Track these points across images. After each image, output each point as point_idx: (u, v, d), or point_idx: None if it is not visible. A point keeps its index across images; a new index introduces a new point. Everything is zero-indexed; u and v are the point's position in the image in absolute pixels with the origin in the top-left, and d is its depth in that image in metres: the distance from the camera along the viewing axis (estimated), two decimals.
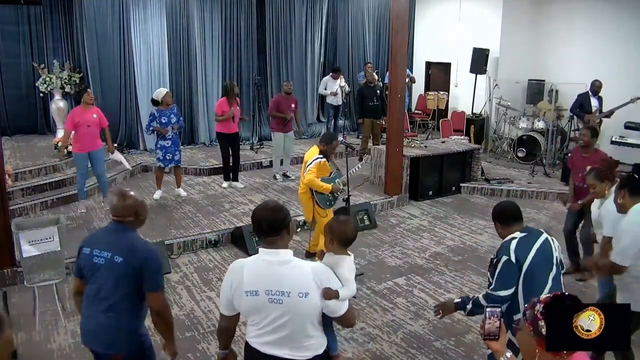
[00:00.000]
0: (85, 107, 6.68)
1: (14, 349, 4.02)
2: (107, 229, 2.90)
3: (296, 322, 2.37)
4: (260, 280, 2.36)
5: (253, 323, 2.45)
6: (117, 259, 2.72)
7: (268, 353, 2.42)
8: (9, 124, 9.74)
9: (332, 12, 11.93)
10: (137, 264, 2.72)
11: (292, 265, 2.40)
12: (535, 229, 3.13)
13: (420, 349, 4.33)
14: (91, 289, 2.80)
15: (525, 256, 2.91)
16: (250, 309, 2.40)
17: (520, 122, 10.06)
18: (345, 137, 11.09)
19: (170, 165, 7.45)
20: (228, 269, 2.49)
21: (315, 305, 2.37)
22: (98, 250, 2.78)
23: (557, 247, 3.07)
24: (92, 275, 2.78)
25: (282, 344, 2.40)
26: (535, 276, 2.90)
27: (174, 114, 7.22)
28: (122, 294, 2.74)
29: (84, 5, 9.36)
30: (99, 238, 2.86)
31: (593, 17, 10.13)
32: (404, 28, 7.61)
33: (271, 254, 2.39)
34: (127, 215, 2.83)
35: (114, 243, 2.77)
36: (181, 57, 10.14)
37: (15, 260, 5.18)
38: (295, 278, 2.36)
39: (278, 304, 2.34)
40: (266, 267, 2.38)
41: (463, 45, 11.16)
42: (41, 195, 7.20)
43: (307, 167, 5.38)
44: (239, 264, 2.47)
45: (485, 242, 6.57)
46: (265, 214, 2.40)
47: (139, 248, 2.79)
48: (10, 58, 9.70)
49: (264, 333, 2.41)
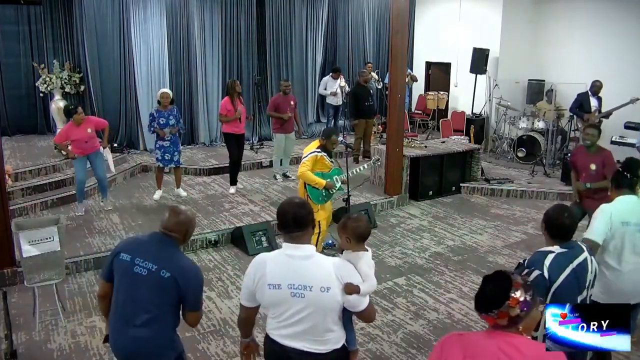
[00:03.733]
0: (77, 124, 6.62)
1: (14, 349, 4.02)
2: (151, 239, 2.81)
3: (317, 316, 2.42)
4: (283, 274, 2.41)
5: (274, 315, 2.50)
6: (165, 274, 2.66)
7: (287, 345, 2.47)
8: (9, 124, 9.74)
9: (332, 12, 11.93)
10: (184, 282, 2.69)
11: (315, 260, 2.45)
12: (578, 245, 2.90)
13: (420, 349, 4.33)
14: (124, 298, 2.71)
15: (558, 275, 2.72)
16: (272, 302, 2.46)
17: (520, 122, 10.06)
18: (346, 137, 11.09)
19: (170, 165, 7.44)
20: (252, 262, 2.55)
21: (336, 299, 2.41)
22: (141, 259, 2.69)
23: (595, 269, 2.88)
24: (127, 284, 2.70)
25: (301, 336, 2.45)
26: (563, 298, 2.64)
27: (173, 115, 7.20)
28: (164, 307, 2.70)
29: (84, 5, 9.36)
30: (143, 247, 2.76)
31: (593, 17, 10.13)
32: (404, 28, 7.60)
33: (294, 248, 2.45)
34: (177, 232, 2.79)
35: (161, 256, 2.70)
36: (181, 57, 10.14)
37: (15, 260, 5.18)
38: (318, 273, 2.42)
39: (300, 298, 2.39)
40: (289, 261, 2.43)
41: (463, 45, 11.16)
42: (41, 195, 7.20)
43: (302, 159, 5.38)
44: (262, 257, 2.52)
45: (485, 242, 6.57)
46: (291, 209, 2.47)
47: (188, 267, 2.75)
48: (10, 58, 9.70)
49: (285, 326, 2.46)
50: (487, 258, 6.10)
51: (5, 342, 3.90)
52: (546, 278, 2.70)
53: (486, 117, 11.16)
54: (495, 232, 6.94)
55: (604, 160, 5.33)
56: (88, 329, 4.53)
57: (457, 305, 5.01)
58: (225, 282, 5.43)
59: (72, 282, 5.35)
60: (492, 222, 7.30)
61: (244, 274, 5.89)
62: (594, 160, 5.37)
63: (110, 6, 9.47)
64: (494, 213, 7.66)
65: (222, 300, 5.08)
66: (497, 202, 8.15)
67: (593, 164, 5.36)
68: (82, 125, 6.63)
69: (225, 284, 5.39)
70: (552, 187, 8.45)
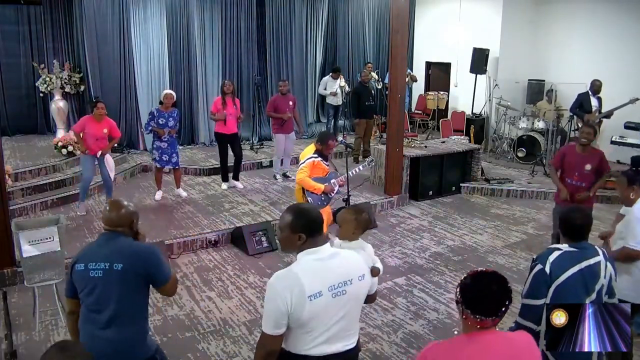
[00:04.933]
0: (98, 119, 6.66)
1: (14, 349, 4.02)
2: (98, 242, 2.79)
3: (354, 308, 2.43)
4: (321, 279, 2.31)
5: (308, 330, 2.31)
6: (117, 267, 2.64)
7: (324, 353, 2.34)
8: (9, 124, 9.74)
9: (332, 12, 11.93)
10: (139, 266, 2.68)
11: (342, 255, 2.45)
12: (592, 247, 2.83)
13: (420, 349, 4.29)
14: (90, 304, 2.69)
15: (560, 272, 2.68)
16: (313, 314, 2.28)
17: (520, 122, 10.06)
18: (346, 137, 11.09)
19: (168, 166, 7.44)
20: (272, 284, 2.30)
21: (368, 285, 2.50)
22: (93, 263, 2.67)
23: (609, 275, 2.79)
24: (90, 290, 2.68)
25: (339, 336, 2.38)
26: (565, 297, 2.63)
27: (172, 117, 7.20)
28: (127, 301, 2.67)
29: (84, 5, 9.36)
30: (93, 252, 2.75)
31: (593, 17, 10.13)
32: (404, 28, 7.60)
33: (318, 252, 2.38)
34: (121, 226, 2.78)
35: (109, 252, 2.68)
36: (181, 57, 10.14)
37: (15, 260, 5.17)
38: (351, 265, 2.44)
39: (342, 296, 2.34)
40: (321, 265, 2.35)
41: (463, 45, 11.16)
42: (41, 195, 7.20)
43: (299, 166, 5.34)
44: (287, 273, 2.33)
45: (485, 242, 6.57)
46: (317, 214, 2.42)
47: (138, 250, 2.74)
48: (10, 58, 9.70)
49: (322, 333, 2.32)
50: (487, 258, 6.10)
51: (5, 342, 3.90)
52: (547, 274, 2.68)
53: (486, 117, 11.16)
54: (495, 232, 6.94)
55: (601, 161, 5.35)
56: None
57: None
58: (225, 282, 5.43)
59: None
60: (492, 222, 7.30)
61: (244, 274, 5.90)
62: (588, 160, 5.34)
63: (110, 6, 9.47)
64: (494, 213, 7.66)
65: (222, 300, 5.08)
66: (497, 202, 8.15)
67: (588, 164, 5.33)
68: (101, 123, 6.68)
69: (225, 284, 5.39)
70: (552, 187, 8.41)
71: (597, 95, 8.90)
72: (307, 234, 2.36)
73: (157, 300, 4.91)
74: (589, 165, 5.33)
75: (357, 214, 3.17)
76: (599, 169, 5.34)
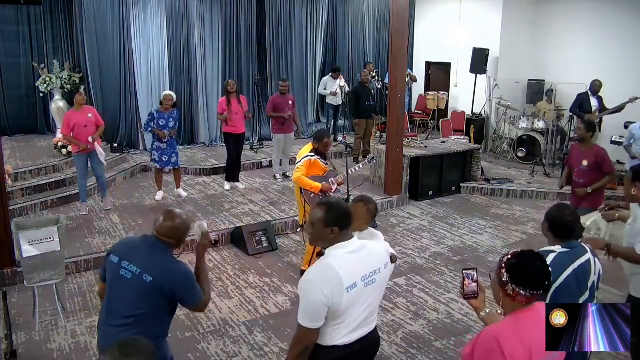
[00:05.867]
0: (77, 108, 6.67)
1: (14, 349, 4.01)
2: (143, 242, 2.76)
3: (380, 294, 2.61)
4: (355, 271, 2.43)
5: (341, 322, 2.40)
6: (147, 278, 2.62)
7: (350, 341, 2.45)
8: (9, 124, 9.73)
9: (332, 12, 11.93)
10: (169, 286, 2.64)
11: (369, 246, 2.57)
12: (581, 245, 2.87)
13: (420, 349, 4.33)
14: (110, 299, 2.71)
15: (558, 275, 2.70)
16: (350, 304, 2.39)
17: (520, 122, 10.06)
18: (345, 137, 11.10)
19: (167, 167, 7.44)
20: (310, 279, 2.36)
21: (391, 271, 2.70)
22: (127, 262, 2.67)
23: (598, 271, 2.84)
24: (114, 285, 2.69)
25: (364, 323, 2.50)
26: (562, 298, 2.68)
27: (173, 118, 7.21)
28: (146, 311, 2.65)
29: (84, 5, 9.36)
30: (132, 250, 2.73)
31: (593, 17, 10.13)
32: (404, 28, 7.61)
33: (348, 245, 2.47)
34: (171, 237, 2.74)
35: (148, 261, 2.66)
36: (181, 57, 10.14)
37: (15, 260, 5.18)
38: (378, 254, 2.58)
39: (372, 284, 2.49)
40: (354, 258, 2.45)
41: (463, 45, 11.15)
42: (41, 195, 7.20)
43: (295, 165, 5.32)
44: (325, 267, 2.39)
45: (485, 242, 6.57)
46: (347, 208, 2.55)
47: (173, 270, 2.69)
48: (10, 58, 9.69)
49: (351, 322, 2.43)
50: (487, 258, 6.10)
51: (5, 342, 3.90)
52: None
53: (486, 117, 11.16)
54: (495, 232, 6.94)
55: (597, 157, 5.36)
56: (88, 329, 4.53)
57: (457, 305, 5.01)
58: (225, 282, 5.43)
59: (72, 282, 5.35)
60: (492, 222, 7.30)
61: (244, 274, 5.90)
62: (585, 156, 5.42)
63: (110, 6, 9.47)
64: (494, 213, 7.66)
65: (222, 300, 5.08)
66: (497, 202, 8.15)
67: (585, 160, 5.42)
68: (82, 110, 6.67)
69: (225, 284, 5.39)
70: (552, 187, 8.45)
71: (597, 95, 8.90)
72: (339, 227, 2.44)
73: None
74: (585, 162, 5.42)
75: (367, 205, 3.36)
76: (597, 166, 5.35)
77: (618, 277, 3.72)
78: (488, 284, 2.33)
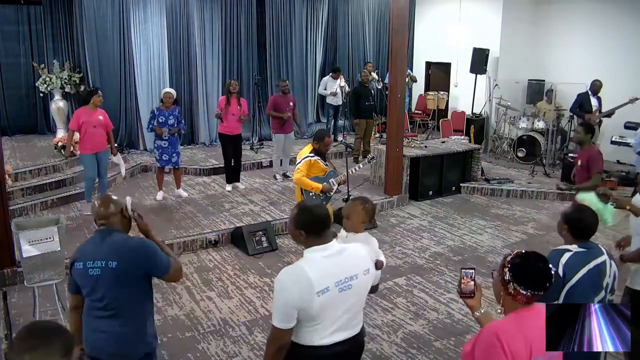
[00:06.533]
0: (92, 108, 6.67)
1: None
2: (93, 239, 2.80)
3: (359, 300, 2.53)
4: (328, 275, 2.39)
5: (317, 323, 2.39)
6: (111, 264, 2.66)
7: (330, 342, 2.44)
8: (9, 124, 9.73)
9: (332, 12, 11.93)
10: (133, 263, 2.69)
11: (349, 250, 2.53)
12: (597, 246, 2.88)
13: (420, 349, 4.33)
14: (94, 301, 2.72)
15: (573, 274, 2.71)
16: (321, 308, 2.36)
17: (520, 122, 10.06)
18: (346, 137, 11.10)
19: (168, 166, 7.44)
20: (281, 280, 2.36)
21: (373, 277, 2.61)
22: (90, 262, 2.69)
23: (613, 273, 2.85)
24: (91, 288, 2.71)
25: (344, 327, 2.47)
26: (577, 297, 2.67)
27: (173, 115, 7.21)
28: (126, 297, 2.70)
29: (84, 5, 9.36)
30: (89, 250, 2.77)
31: (593, 18, 10.13)
32: (404, 28, 7.60)
33: (325, 248, 2.46)
34: (110, 216, 2.78)
35: (104, 250, 2.70)
36: (181, 57, 10.14)
37: (15, 260, 5.18)
38: (357, 259, 2.52)
39: (348, 290, 2.43)
40: (328, 261, 2.43)
41: (463, 45, 11.15)
42: (41, 195, 7.20)
43: (295, 166, 5.31)
44: (297, 269, 2.39)
45: (485, 242, 6.57)
46: (320, 211, 2.51)
47: (129, 247, 2.73)
48: (10, 58, 9.70)
49: (329, 325, 2.42)
50: (487, 258, 6.10)
51: (5, 342, 3.90)
52: (560, 276, 2.69)
53: (486, 117, 11.16)
54: (495, 232, 6.94)
55: (589, 157, 5.38)
56: None
57: (457, 305, 5.01)
58: (225, 282, 5.43)
59: None
60: (492, 222, 7.30)
61: (244, 274, 5.91)
62: (581, 156, 5.52)
63: (110, 6, 9.47)
64: (494, 213, 7.66)
65: (222, 300, 5.08)
66: (497, 202, 8.15)
67: (580, 159, 5.51)
68: (96, 111, 6.69)
69: (225, 284, 5.39)
70: (552, 187, 8.43)
71: (597, 95, 8.90)
72: (305, 231, 2.45)
73: (157, 300, 4.90)
74: (579, 162, 5.50)
75: (363, 204, 3.31)
76: (588, 166, 5.38)
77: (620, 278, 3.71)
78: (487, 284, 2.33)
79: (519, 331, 2.05)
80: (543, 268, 2.13)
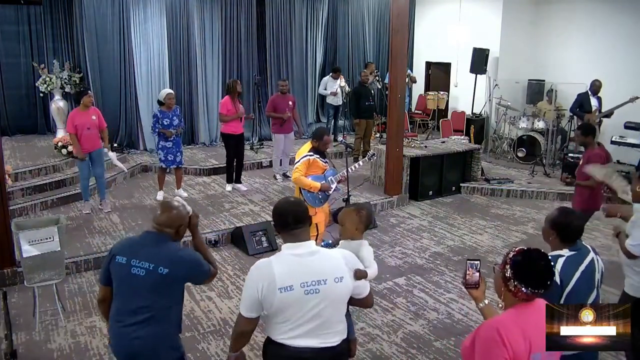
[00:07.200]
0: (83, 109, 6.67)
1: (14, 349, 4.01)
2: (145, 239, 2.81)
3: (331, 308, 2.44)
4: (294, 274, 2.38)
5: (283, 320, 2.41)
6: (162, 270, 2.67)
7: (299, 346, 2.41)
8: (9, 124, 9.74)
9: (332, 12, 11.93)
10: (183, 273, 2.75)
11: (322, 253, 2.49)
12: (584, 246, 2.87)
13: (420, 349, 4.33)
14: (126, 299, 2.72)
15: (570, 278, 2.71)
16: (284, 306, 2.37)
17: (520, 122, 10.06)
18: (345, 137, 11.10)
19: (172, 166, 7.44)
20: (251, 270, 2.46)
21: (348, 288, 2.48)
22: (137, 260, 2.70)
23: (601, 268, 2.87)
24: (127, 285, 2.71)
25: (315, 333, 2.42)
26: (575, 300, 2.68)
27: (176, 115, 7.20)
28: (165, 305, 2.71)
29: (84, 5, 9.36)
30: (137, 248, 2.77)
31: (593, 18, 10.13)
32: (404, 28, 7.60)
33: (297, 247, 2.45)
34: (170, 227, 2.79)
35: (157, 254, 2.71)
36: (181, 57, 10.14)
37: (15, 260, 5.18)
38: (329, 265, 2.46)
39: (315, 294, 2.39)
40: (297, 260, 2.42)
41: (463, 45, 11.15)
42: (41, 195, 7.20)
43: (294, 165, 5.28)
44: (265, 262, 2.44)
45: (485, 242, 6.57)
46: (289, 207, 2.51)
47: (181, 257, 2.76)
48: (10, 58, 9.69)
49: (297, 326, 2.41)
50: (487, 258, 6.10)
51: (5, 342, 3.90)
52: (558, 283, 2.67)
53: (486, 117, 11.16)
54: (495, 232, 6.94)
55: (588, 158, 5.41)
56: (88, 329, 4.53)
57: (457, 305, 5.01)
58: (225, 282, 5.43)
59: (72, 282, 5.35)
60: (492, 222, 7.30)
61: (244, 274, 5.90)
62: (583, 156, 5.60)
63: (110, 6, 9.47)
64: (494, 213, 7.66)
65: (222, 300, 5.08)
66: (497, 202, 8.15)
67: (581, 161, 5.62)
68: (88, 111, 6.68)
69: (225, 284, 5.39)
70: (552, 187, 8.45)
71: (596, 95, 8.90)
72: (277, 226, 2.53)
73: None
74: (581, 162, 5.57)
75: (357, 211, 3.21)
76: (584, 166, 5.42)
77: (618, 276, 3.72)
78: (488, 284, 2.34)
79: (519, 326, 2.06)
80: (544, 266, 2.13)
